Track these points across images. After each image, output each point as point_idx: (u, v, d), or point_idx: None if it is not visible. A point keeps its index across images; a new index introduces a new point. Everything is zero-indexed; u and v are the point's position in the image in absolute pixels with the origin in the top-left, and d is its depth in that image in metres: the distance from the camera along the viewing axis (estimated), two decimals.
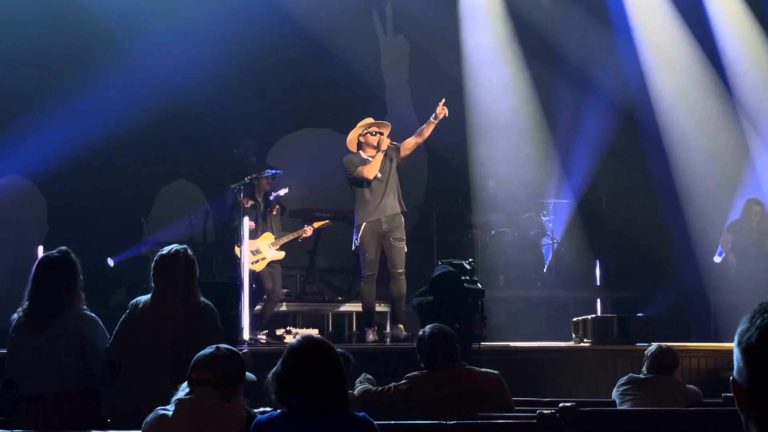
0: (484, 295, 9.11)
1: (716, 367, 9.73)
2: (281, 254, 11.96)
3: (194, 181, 14.35)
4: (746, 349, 1.94)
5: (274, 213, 12.11)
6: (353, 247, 10.94)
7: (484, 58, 15.02)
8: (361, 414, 4.11)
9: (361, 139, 10.95)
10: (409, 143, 11.01)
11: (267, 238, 11.93)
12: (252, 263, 11.69)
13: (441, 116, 10.82)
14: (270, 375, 4.07)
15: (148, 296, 6.24)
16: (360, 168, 10.75)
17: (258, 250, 11.87)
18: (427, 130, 10.95)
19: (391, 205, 10.87)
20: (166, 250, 6.25)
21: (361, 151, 10.96)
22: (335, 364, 4.03)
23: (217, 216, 13.53)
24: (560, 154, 15.03)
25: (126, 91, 12.71)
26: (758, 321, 1.94)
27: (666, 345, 7.37)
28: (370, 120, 11.11)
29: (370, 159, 10.84)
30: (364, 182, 10.77)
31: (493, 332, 10.49)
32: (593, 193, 14.94)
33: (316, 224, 12.40)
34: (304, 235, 12.27)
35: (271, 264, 11.91)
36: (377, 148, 10.81)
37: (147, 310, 6.14)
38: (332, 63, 14.64)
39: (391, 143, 10.91)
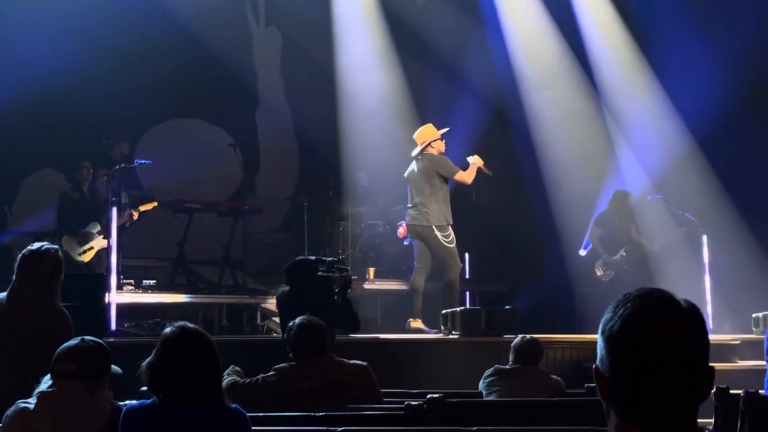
0: (349, 285, 9.08)
1: (579, 358, 9.92)
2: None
3: (61, 170, 14.03)
4: (609, 338, 1.98)
5: (101, 203, 11.95)
6: (448, 243, 11.17)
7: (356, 50, 15.06)
8: (234, 405, 4.09)
9: (433, 144, 11.30)
10: None
11: (92, 228, 11.88)
12: (79, 254, 11.57)
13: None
14: (143, 365, 4.02)
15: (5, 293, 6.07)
16: (461, 173, 11.22)
17: (84, 240, 11.78)
18: None
19: None
20: (36, 246, 6.08)
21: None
22: (210, 354, 4.00)
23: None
24: None
25: None
26: (621, 311, 1.98)
27: (530, 336, 7.48)
28: (432, 127, 11.49)
29: None
30: (450, 185, 11.31)
31: (364, 324, 10.51)
32: (462, 187, 15.07)
33: (142, 208, 12.26)
34: (132, 219, 12.13)
35: (101, 253, 11.77)
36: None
37: (4, 306, 5.98)
38: (204, 53, 14.49)
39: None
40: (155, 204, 12.46)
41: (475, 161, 11.40)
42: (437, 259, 11.34)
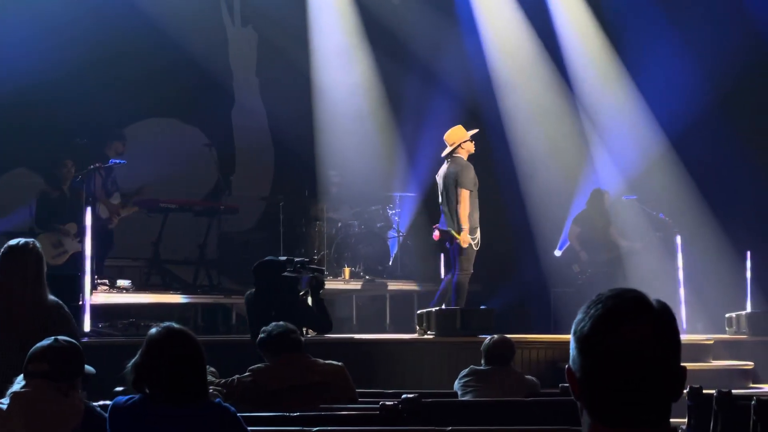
0: (322, 286, 9.07)
1: (554, 358, 9.93)
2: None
3: (35, 170, 13.95)
4: (580, 339, 1.99)
5: (81, 201, 11.93)
6: (474, 246, 11.01)
7: (332, 50, 15.05)
8: (218, 400, 4.12)
9: (463, 145, 11.15)
10: None
11: (71, 229, 11.79)
12: (53, 257, 11.49)
13: None
14: (129, 365, 4.02)
15: None
16: (466, 195, 11.03)
17: (60, 243, 11.68)
18: None
19: None
20: (15, 242, 6.08)
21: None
22: (197, 353, 4.02)
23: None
24: (406, 147, 15.15)
25: None
26: (592, 311, 1.99)
27: (499, 336, 7.48)
28: (461, 128, 11.33)
29: None
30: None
31: (339, 324, 10.51)
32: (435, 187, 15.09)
33: (123, 212, 12.31)
34: (110, 226, 12.14)
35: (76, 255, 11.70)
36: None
37: None
38: (179, 53, 14.44)
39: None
40: (136, 209, 12.58)
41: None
42: (453, 257, 11.20)
